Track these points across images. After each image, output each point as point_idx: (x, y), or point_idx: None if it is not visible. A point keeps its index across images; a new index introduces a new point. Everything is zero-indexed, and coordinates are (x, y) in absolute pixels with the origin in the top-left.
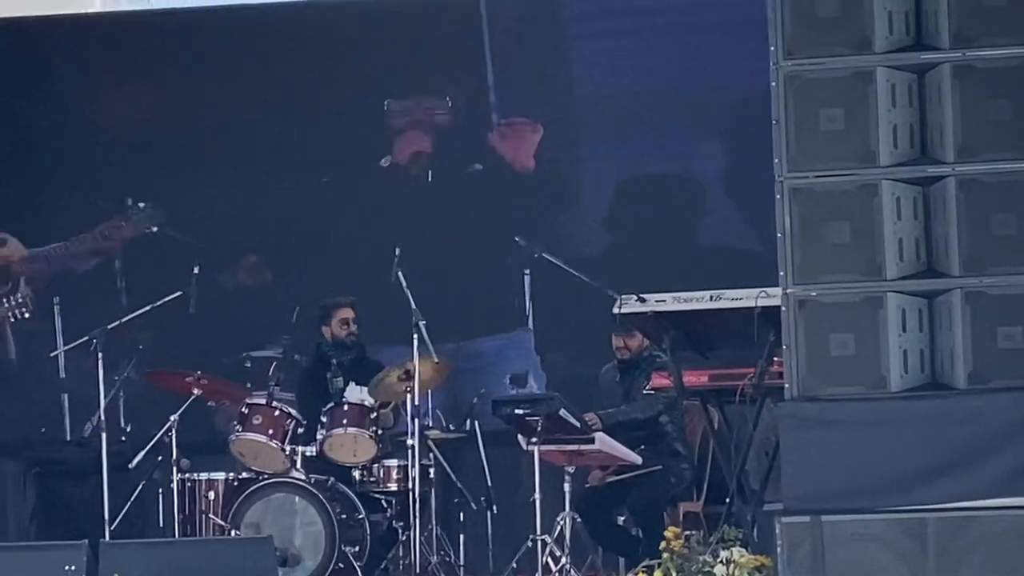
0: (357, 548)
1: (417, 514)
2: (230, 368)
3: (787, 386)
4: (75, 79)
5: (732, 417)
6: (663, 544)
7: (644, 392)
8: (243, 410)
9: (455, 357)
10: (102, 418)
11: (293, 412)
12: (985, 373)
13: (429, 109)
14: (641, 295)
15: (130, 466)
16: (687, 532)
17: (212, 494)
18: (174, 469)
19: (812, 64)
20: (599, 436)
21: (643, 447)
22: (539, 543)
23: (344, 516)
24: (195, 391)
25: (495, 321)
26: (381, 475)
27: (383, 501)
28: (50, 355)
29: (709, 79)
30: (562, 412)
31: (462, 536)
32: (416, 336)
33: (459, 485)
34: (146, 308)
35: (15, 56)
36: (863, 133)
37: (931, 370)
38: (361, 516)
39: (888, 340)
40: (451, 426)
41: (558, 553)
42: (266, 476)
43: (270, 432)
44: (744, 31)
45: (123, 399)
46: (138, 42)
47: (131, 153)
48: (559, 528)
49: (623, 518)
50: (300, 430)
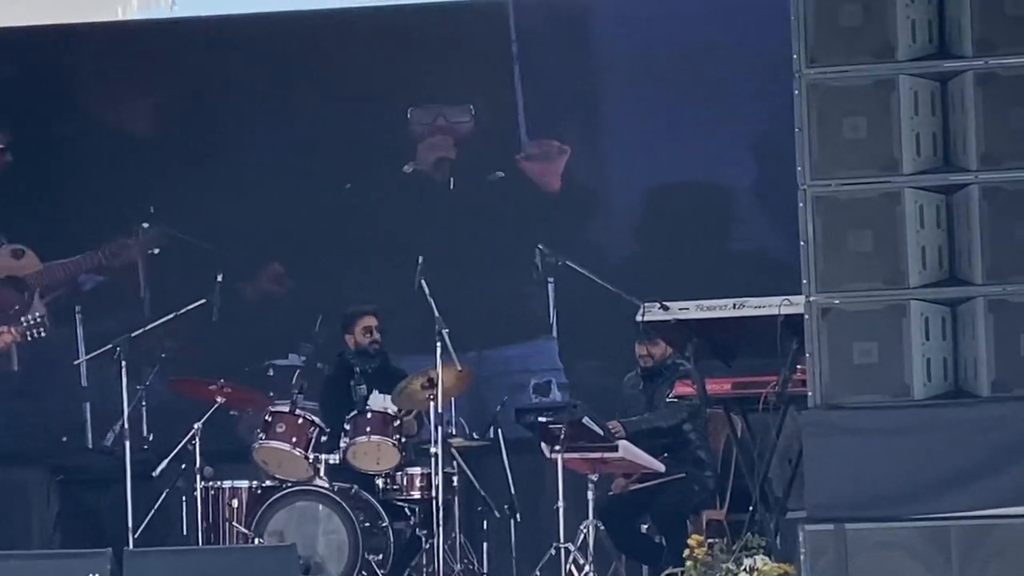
0: (380, 556)
1: (440, 522)
2: (253, 376)
3: (810, 394)
4: (97, 87)
5: (755, 425)
6: (686, 552)
7: (667, 400)
8: (266, 418)
9: (478, 365)
10: (125, 426)
11: (316, 420)
12: (1008, 381)
13: (452, 116)
14: (664, 303)
15: (154, 474)
16: (710, 540)
17: (235, 502)
18: (198, 477)
19: (835, 72)
20: (622, 444)
21: (666, 455)
22: (562, 551)
23: (367, 524)
24: (219, 399)
25: (518, 329)
26: (404, 483)
27: (406, 509)
28: (73, 363)
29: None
30: (585, 420)
31: (485, 544)
32: (439, 344)
33: (482, 493)
34: (170, 316)
35: (35, 65)
36: (886, 141)
37: (954, 378)
38: (384, 524)
39: (911, 348)
40: (474, 434)
41: (581, 561)
42: (289, 484)
43: (293, 440)
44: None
45: (145, 408)
46: (160, 50)
47: (154, 161)
48: (582, 536)
49: (646, 526)
50: (323, 438)
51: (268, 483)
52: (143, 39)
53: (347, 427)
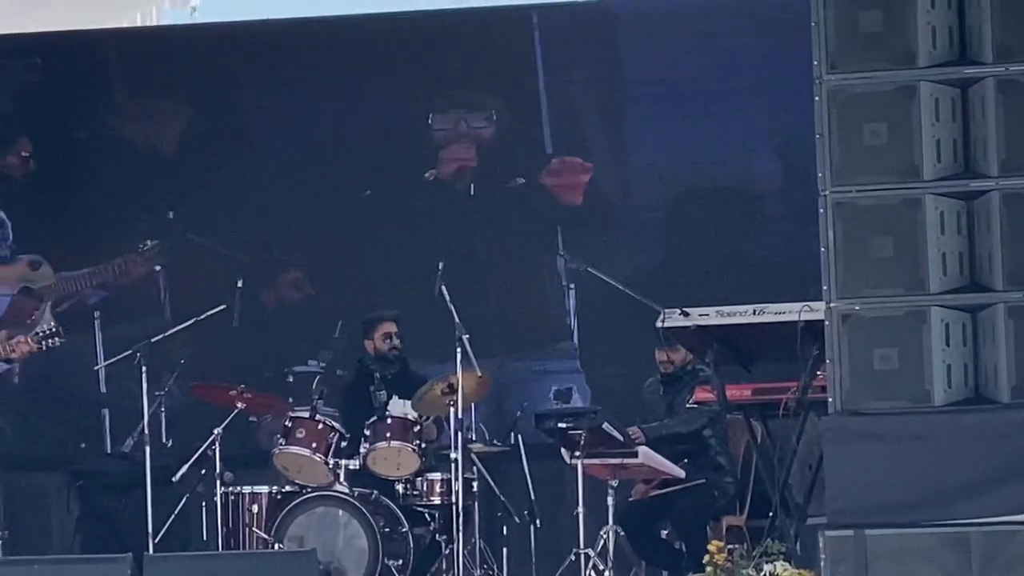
0: (400, 561)
1: (460, 527)
2: (272, 382)
3: (830, 400)
4: (118, 93)
5: (775, 431)
6: (706, 558)
7: (687, 406)
8: (286, 423)
9: (498, 371)
10: (146, 432)
11: (336, 425)
12: None
13: (474, 122)
14: (684, 309)
15: (174, 479)
16: (730, 546)
17: (255, 507)
18: (217, 482)
19: (856, 78)
20: (642, 450)
21: (686, 461)
22: (582, 557)
23: (387, 529)
24: (239, 404)
25: (539, 335)
26: (424, 488)
27: (426, 514)
28: (93, 368)
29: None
30: (605, 425)
31: (505, 550)
32: (459, 350)
33: (502, 498)
34: (190, 322)
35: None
36: (906, 147)
37: (975, 384)
38: (404, 529)
39: (931, 354)
40: (494, 440)
41: (601, 567)
42: (309, 489)
43: (313, 445)
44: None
45: (164, 413)
46: (181, 56)
47: (175, 167)
48: (602, 542)
49: (666, 532)
50: (343, 443)
51: (288, 488)
52: (164, 45)
53: (367, 432)
